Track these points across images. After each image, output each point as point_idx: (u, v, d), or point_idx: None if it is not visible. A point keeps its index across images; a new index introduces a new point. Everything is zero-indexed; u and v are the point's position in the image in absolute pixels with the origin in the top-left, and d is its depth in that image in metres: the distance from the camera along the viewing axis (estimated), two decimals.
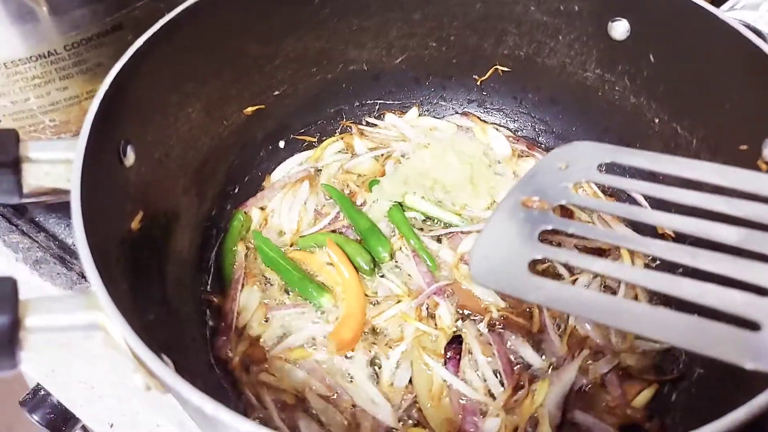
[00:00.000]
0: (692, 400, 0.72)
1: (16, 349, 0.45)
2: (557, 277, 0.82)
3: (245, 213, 0.92)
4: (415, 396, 0.74)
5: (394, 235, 0.89)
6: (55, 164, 0.57)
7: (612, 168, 0.65)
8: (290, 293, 0.84)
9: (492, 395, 0.73)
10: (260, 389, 0.75)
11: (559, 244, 0.81)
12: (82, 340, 0.47)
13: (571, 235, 0.61)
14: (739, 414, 0.45)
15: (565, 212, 0.85)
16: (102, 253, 0.53)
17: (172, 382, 0.46)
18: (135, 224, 0.67)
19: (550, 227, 0.56)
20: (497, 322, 0.79)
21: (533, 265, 0.53)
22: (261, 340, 0.79)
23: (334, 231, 0.90)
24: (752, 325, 0.46)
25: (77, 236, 0.51)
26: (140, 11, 0.77)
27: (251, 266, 0.87)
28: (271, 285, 0.85)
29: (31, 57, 0.73)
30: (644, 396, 0.73)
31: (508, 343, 0.77)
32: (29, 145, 0.57)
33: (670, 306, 0.53)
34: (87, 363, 0.84)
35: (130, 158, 0.67)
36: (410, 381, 0.75)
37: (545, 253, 0.54)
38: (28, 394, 0.91)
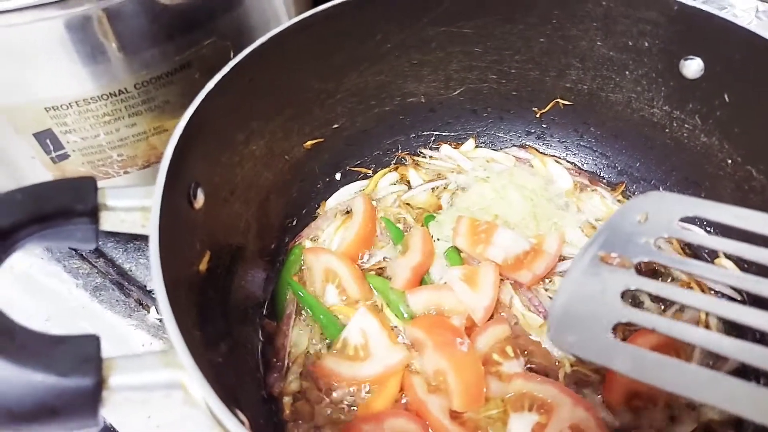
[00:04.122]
0: None
1: (99, 408, 0.45)
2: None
3: (299, 245, 0.92)
4: None
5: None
6: (130, 212, 0.57)
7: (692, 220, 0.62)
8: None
9: None
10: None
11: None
12: (163, 398, 0.47)
13: (655, 298, 0.59)
14: None
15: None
16: (177, 301, 0.53)
17: None
18: (203, 266, 0.67)
19: (634, 288, 0.54)
20: (569, 378, 0.76)
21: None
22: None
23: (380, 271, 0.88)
24: None
25: (157, 288, 0.51)
26: (207, 50, 0.78)
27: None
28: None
29: (102, 95, 0.74)
30: None
31: None
32: (107, 193, 0.57)
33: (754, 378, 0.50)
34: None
35: (199, 200, 0.67)
36: None
37: (630, 317, 0.52)
38: None
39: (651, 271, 0.83)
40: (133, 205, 0.58)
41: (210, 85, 0.67)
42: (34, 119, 0.75)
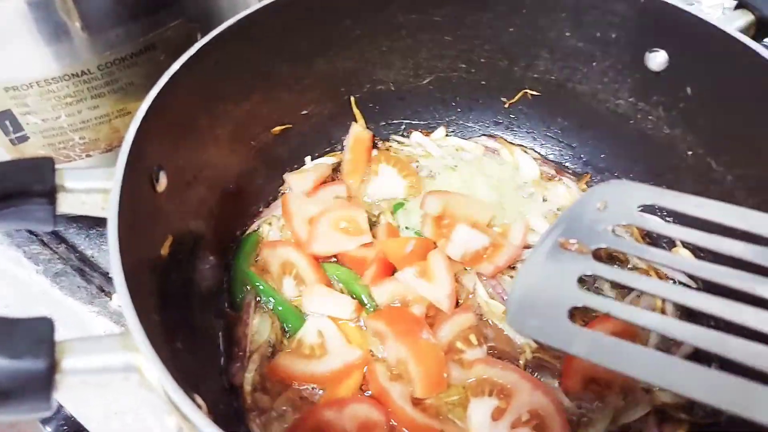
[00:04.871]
0: None
1: (51, 392, 0.44)
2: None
3: (255, 232, 0.90)
4: None
5: None
6: (90, 193, 0.57)
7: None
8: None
9: None
10: (270, 426, 0.73)
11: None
12: (119, 382, 0.46)
13: (612, 283, 0.60)
14: None
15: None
16: (136, 285, 0.52)
17: (204, 427, 0.45)
18: (165, 250, 0.67)
19: (590, 273, 0.55)
20: (530, 364, 0.77)
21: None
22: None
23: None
24: None
25: (114, 272, 0.50)
26: (173, 32, 0.76)
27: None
28: None
29: (64, 76, 0.73)
30: None
31: None
32: (65, 174, 0.56)
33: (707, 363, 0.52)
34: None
35: (162, 183, 0.66)
36: None
37: (586, 301, 0.53)
38: None
39: (612, 259, 0.85)
40: (93, 187, 0.57)
41: (175, 66, 0.66)
42: None
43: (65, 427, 0.92)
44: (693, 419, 0.73)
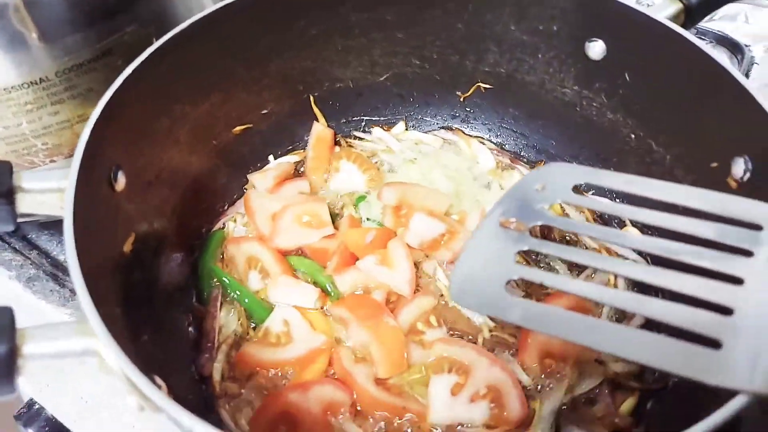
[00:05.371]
0: (667, 408, 0.74)
1: (14, 375, 0.47)
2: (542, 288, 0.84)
3: (220, 230, 0.93)
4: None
5: None
6: (48, 193, 0.59)
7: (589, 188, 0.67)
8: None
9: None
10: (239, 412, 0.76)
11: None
12: (78, 365, 0.49)
13: (546, 256, 0.64)
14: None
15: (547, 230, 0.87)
16: (95, 278, 0.55)
17: (164, 405, 0.48)
18: (127, 247, 0.69)
19: (526, 248, 0.58)
20: (488, 343, 0.81)
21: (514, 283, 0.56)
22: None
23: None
24: (714, 344, 0.48)
25: (71, 265, 0.53)
26: (130, 37, 0.79)
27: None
28: None
29: (23, 84, 0.75)
30: (629, 404, 0.76)
31: None
32: (22, 176, 0.58)
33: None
34: (80, 378, 0.85)
35: (120, 183, 0.68)
36: None
37: (521, 273, 0.56)
38: (22, 408, 0.92)
39: (568, 243, 0.89)
40: (49, 187, 0.59)
41: (129, 69, 0.69)
42: None
43: (46, 429, 0.93)
44: (643, 386, 0.77)
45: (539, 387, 0.77)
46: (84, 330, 0.49)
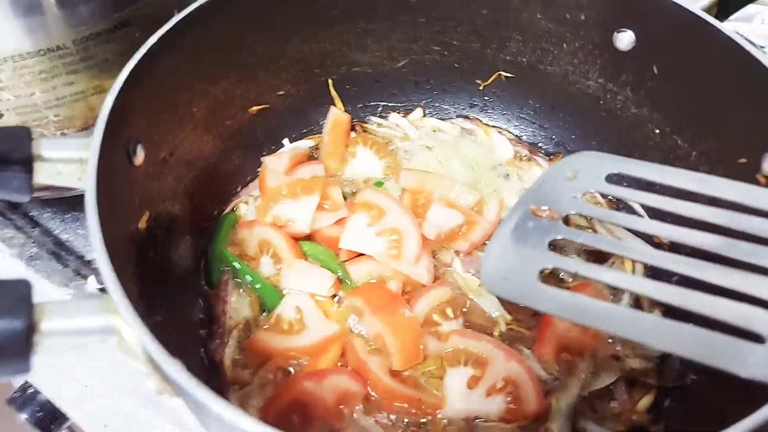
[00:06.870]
0: (687, 406, 0.73)
1: (30, 353, 0.45)
2: (560, 281, 0.83)
3: (233, 213, 0.91)
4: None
5: None
6: (67, 163, 0.57)
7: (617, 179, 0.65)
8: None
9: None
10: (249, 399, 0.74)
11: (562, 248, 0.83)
12: (97, 344, 0.47)
13: (581, 245, 0.62)
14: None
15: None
16: (115, 254, 0.53)
17: (189, 386, 0.46)
18: (142, 224, 0.67)
19: (560, 237, 0.57)
20: (504, 336, 0.79)
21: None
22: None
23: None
24: (755, 338, 0.47)
25: (93, 237, 0.50)
26: (149, 8, 0.76)
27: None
28: None
29: (38, 51, 0.72)
30: (646, 401, 0.75)
31: None
32: (42, 143, 0.56)
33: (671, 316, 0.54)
34: (79, 361, 0.83)
35: (139, 157, 0.66)
36: None
37: (555, 262, 0.54)
38: (16, 392, 0.90)
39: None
40: (69, 157, 0.57)
41: (152, 40, 0.67)
42: None
43: (40, 413, 0.91)
44: (661, 383, 0.76)
45: (555, 381, 0.76)
46: (105, 306, 0.47)
